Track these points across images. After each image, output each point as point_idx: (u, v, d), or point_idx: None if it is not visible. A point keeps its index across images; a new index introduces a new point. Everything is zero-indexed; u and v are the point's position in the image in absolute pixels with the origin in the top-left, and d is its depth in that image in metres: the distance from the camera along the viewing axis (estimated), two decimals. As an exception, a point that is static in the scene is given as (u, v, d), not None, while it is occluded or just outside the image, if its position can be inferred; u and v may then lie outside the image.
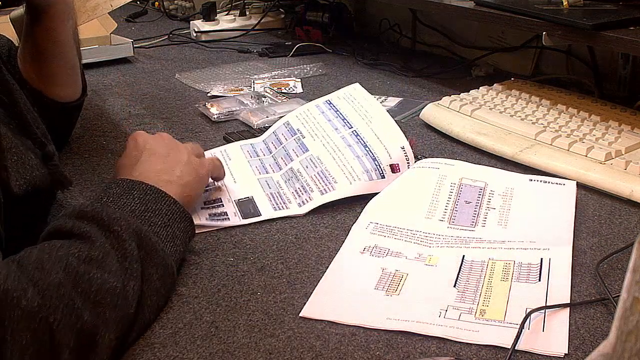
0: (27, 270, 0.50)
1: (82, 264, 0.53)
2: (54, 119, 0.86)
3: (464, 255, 0.67)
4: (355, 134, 0.86)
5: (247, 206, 0.78)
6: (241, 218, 0.76)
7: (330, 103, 0.92)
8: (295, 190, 0.81)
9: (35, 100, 0.80)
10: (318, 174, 0.82)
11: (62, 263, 0.52)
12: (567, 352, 0.54)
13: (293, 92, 1.24)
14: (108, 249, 0.56)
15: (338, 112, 0.90)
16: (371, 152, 0.83)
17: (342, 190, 0.79)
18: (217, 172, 0.79)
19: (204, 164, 0.75)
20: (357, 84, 0.94)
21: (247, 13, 1.80)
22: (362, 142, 0.85)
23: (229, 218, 0.76)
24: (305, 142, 0.87)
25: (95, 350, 0.51)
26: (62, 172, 0.72)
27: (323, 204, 0.78)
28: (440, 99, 1.07)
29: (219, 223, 0.75)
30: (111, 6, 1.04)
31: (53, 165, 0.71)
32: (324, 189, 0.80)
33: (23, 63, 0.88)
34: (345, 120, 0.88)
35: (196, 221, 0.71)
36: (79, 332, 0.50)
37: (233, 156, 0.90)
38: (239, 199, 0.80)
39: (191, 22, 1.73)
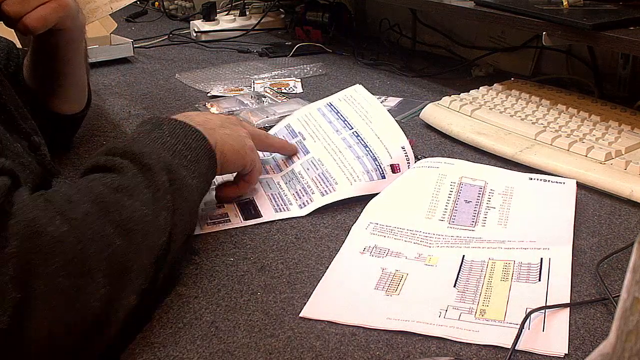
0: (55, 202, 0.50)
1: (113, 192, 0.53)
2: (54, 129, 0.85)
3: (464, 255, 0.67)
4: (356, 134, 0.86)
5: (248, 208, 0.78)
6: (242, 220, 0.76)
7: (332, 105, 0.92)
8: (296, 192, 0.81)
9: (35, 111, 0.78)
10: (319, 175, 0.82)
11: (92, 194, 0.52)
12: (567, 352, 0.54)
13: (293, 92, 1.24)
14: (140, 179, 0.56)
15: (339, 114, 0.90)
16: (372, 152, 0.83)
17: (343, 191, 0.79)
18: (256, 178, 0.79)
19: (254, 154, 0.76)
20: (359, 85, 0.94)
21: (247, 13, 1.80)
22: (362, 142, 0.85)
23: (230, 220, 0.76)
24: (306, 144, 0.87)
25: (129, 276, 0.51)
26: (50, 161, 0.72)
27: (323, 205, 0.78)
28: (440, 99, 1.07)
29: (220, 227, 0.75)
30: (111, 8, 1.04)
31: (40, 155, 0.71)
32: (325, 190, 0.80)
33: (28, 78, 0.86)
34: (346, 122, 0.88)
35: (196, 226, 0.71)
36: (111, 257, 0.50)
37: None
38: (239, 201, 0.80)
39: (191, 22, 1.73)
